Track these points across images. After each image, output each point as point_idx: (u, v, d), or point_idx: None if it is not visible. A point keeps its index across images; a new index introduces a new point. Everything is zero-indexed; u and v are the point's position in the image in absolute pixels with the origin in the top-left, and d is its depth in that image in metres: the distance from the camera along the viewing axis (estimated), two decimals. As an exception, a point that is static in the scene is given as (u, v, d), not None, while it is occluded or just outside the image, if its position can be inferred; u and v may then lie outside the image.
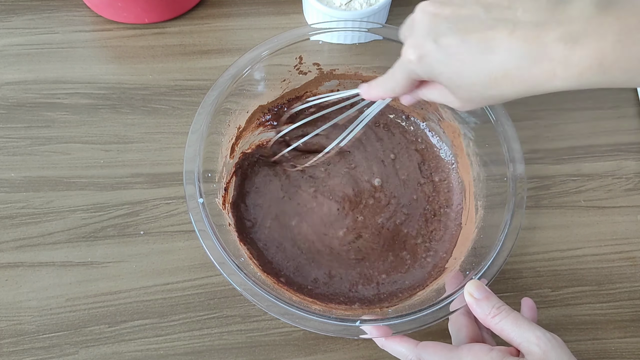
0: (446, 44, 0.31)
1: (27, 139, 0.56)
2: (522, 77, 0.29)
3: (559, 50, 0.28)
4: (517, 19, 0.29)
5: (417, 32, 0.33)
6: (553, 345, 0.32)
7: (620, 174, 0.57)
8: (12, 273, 0.49)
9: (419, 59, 0.33)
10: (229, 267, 0.39)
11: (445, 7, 0.32)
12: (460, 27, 0.31)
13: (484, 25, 0.30)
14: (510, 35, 0.29)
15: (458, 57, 0.31)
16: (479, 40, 0.30)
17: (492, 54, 0.30)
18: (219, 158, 0.48)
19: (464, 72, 0.31)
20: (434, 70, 0.33)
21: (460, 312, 0.40)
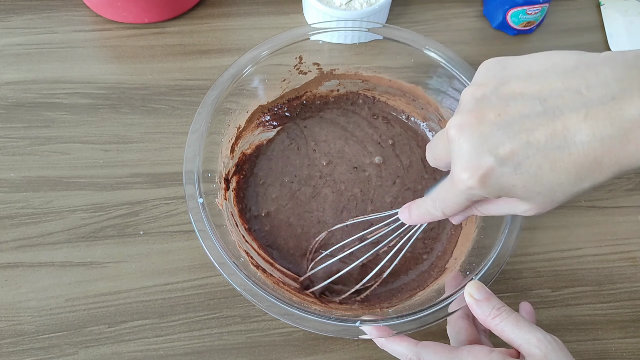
0: (509, 153, 0.27)
1: (26, 139, 0.56)
2: (616, 160, 0.25)
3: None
4: (585, 99, 0.25)
5: (462, 152, 0.28)
6: (553, 348, 0.32)
7: (621, 174, 0.57)
8: (12, 273, 0.49)
9: (482, 181, 0.28)
10: (228, 267, 0.39)
11: (487, 112, 0.27)
12: (517, 128, 0.26)
13: (546, 117, 0.26)
14: (587, 119, 0.25)
15: (530, 163, 0.26)
16: (549, 136, 0.26)
17: (572, 146, 0.25)
18: (218, 158, 0.48)
19: (544, 177, 0.27)
20: (504, 186, 0.28)
21: (459, 315, 0.40)
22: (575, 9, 0.68)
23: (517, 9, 0.62)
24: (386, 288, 0.48)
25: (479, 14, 0.68)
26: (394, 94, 0.55)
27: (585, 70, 0.26)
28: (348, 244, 0.47)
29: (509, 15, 0.63)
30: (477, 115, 0.28)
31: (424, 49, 0.49)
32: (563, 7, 0.68)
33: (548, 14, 0.66)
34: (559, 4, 0.68)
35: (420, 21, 0.67)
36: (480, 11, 0.68)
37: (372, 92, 0.56)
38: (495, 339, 0.36)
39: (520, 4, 0.62)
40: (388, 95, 0.56)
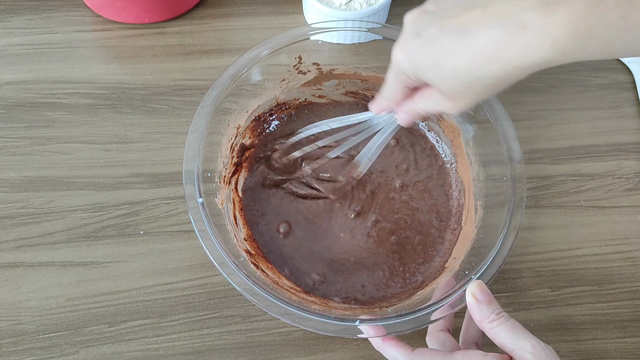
0: (427, 34, 0.32)
1: (27, 139, 0.56)
2: (500, 54, 0.29)
3: (531, 18, 0.27)
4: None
5: (404, 32, 0.34)
6: (547, 355, 0.32)
7: (620, 173, 0.57)
8: (12, 273, 0.49)
9: (405, 55, 0.33)
10: (228, 267, 0.39)
11: (430, 4, 0.33)
12: (441, 16, 0.31)
13: (460, 9, 0.30)
14: (484, 12, 0.29)
15: (437, 44, 0.31)
16: (455, 24, 0.30)
17: (467, 34, 0.29)
18: (218, 158, 0.48)
19: (444, 59, 0.31)
20: (418, 62, 0.33)
21: (440, 327, 0.41)
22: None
23: (516, 9, 0.62)
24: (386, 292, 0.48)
25: (479, 14, 0.68)
26: (394, 94, 0.55)
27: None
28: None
29: (509, 15, 0.63)
30: (423, 8, 0.33)
31: (423, 49, 0.49)
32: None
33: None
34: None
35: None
36: (480, 11, 0.68)
37: (371, 92, 0.56)
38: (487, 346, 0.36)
39: (519, 4, 0.61)
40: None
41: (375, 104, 0.41)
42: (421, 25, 0.32)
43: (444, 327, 0.41)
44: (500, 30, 0.28)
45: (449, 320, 0.42)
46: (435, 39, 0.31)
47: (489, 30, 0.29)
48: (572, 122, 0.60)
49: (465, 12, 0.30)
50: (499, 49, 0.29)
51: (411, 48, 0.33)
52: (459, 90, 0.33)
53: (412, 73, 0.34)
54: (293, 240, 0.50)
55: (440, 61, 0.31)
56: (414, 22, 0.33)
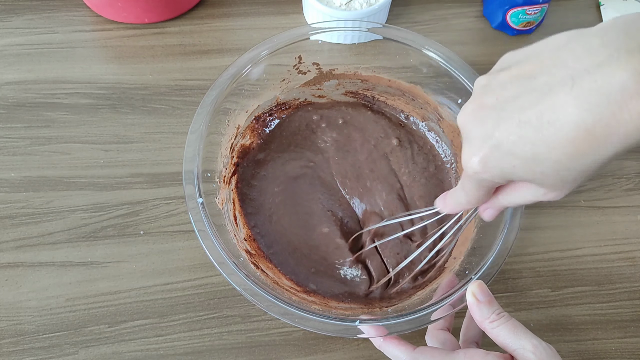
0: (504, 134, 0.27)
1: (27, 139, 0.56)
2: (610, 131, 0.24)
3: (638, 83, 0.23)
4: (572, 70, 0.24)
5: (468, 137, 0.29)
6: (548, 354, 0.32)
7: (620, 174, 0.57)
8: (12, 273, 0.49)
9: (484, 166, 0.28)
10: (228, 267, 0.39)
11: (487, 97, 0.28)
12: (511, 109, 0.26)
13: (536, 95, 0.25)
14: (574, 90, 0.24)
15: (524, 142, 0.26)
16: (538, 113, 0.25)
17: (561, 120, 0.24)
18: (218, 158, 0.48)
19: (541, 155, 0.26)
20: (505, 169, 0.28)
21: (440, 326, 0.40)
22: (575, 9, 0.68)
23: (516, 9, 0.62)
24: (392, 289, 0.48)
25: (479, 14, 0.68)
26: (393, 93, 0.55)
27: (575, 43, 0.25)
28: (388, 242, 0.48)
29: (509, 16, 0.63)
30: (480, 102, 0.28)
31: (423, 49, 0.49)
32: (563, 7, 0.68)
33: (548, 14, 0.66)
34: (559, 4, 0.68)
35: (420, 21, 0.67)
36: (480, 11, 0.68)
37: (371, 91, 0.56)
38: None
39: (520, 4, 0.62)
40: (387, 95, 0.56)
41: (449, 206, 0.37)
42: (489, 126, 0.27)
43: (444, 326, 0.41)
44: (603, 104, 0.23)
45: (450, 319, 0.42)
46: (519, 137, 0.26)
47: (586, 108, 0.24)
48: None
49: (545, 96, 0.25)
50: (609, 122, 0.24)
51: (488, 156, 0.28)
52: (567, 180, 0.28)
53: (500, 179, 0.29)
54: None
55: (536, 158, 0.26)
56: (476, 123, 0.28)
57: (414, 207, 0.52)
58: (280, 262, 0.48)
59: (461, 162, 0.30)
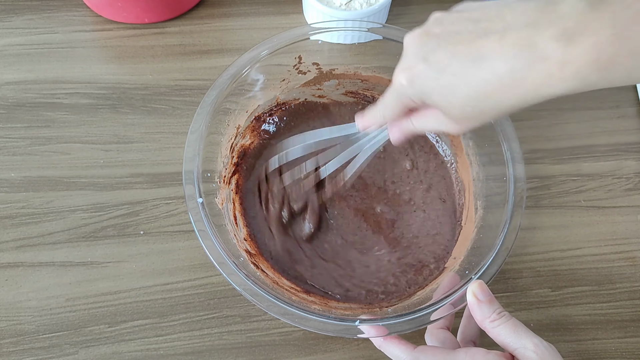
0: (436, 59, 0.30)
1: (27, 139, 0.56)
2: (518, 83, 0.28)
3: (553, 49, 0.26)
4: (507, 24, 0.28)
5: (407, 55, 0.32)
6: (550, 353, 0.32)
7: (621, 173, 0.57)
8: (12, 273, 0.49)
9: (410, 80, 0.32)
10: (228, 267, 0.39)
11: (435, 27, 0.32)
12: (450, 41, 0.30)
13: (473, 35, 0.29)
14: (501, 39, 0.28)
15: (449, 71, 0.30)
16: (468, 50, 0.29)
17: (483, 62, 0.28)
18: (218, 158, 0.48)
19: (456, 86, 0.30)
20: (426, 88, 0.32)
21: (440, 325, 0.40)
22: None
23: (516, 9, 0.62)
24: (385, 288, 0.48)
25: (479, 14, 0.68)
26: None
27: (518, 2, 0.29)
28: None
29: (509, 15, 0.63)
30: (427, 30, 0.32)
31: (423, 49, 0.49)
32: None
33: (548, 14, 0.66)
34: None
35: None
36: (480, 11, 0.68)
37: (371, 91, 0.56)
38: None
39: (519, 4, 0.62)
40: (388, 95, 0.56)
41: (365, 120, 0.40)
42: (428, 49, 0.31)
43: (444, 325, 0.41)
44: (519, 60, 0.27)
45: (450, 319, 0.42)
46: (447, 66, 0.30)
47: (507, 60, 0.28)
48: (572, 122, 0.59)
49: (479, 39, 0.29)
50: (517, 79, 0.28)
51: (417, 73, 0.32)
52: (468, 116, 0.32)
53: (417, 97, 0.33)
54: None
55: (452, 88, 0.30)
56: (418, 45, 0.32)
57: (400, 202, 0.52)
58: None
59: (393, 77, 0.34)
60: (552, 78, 0.27)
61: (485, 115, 0.31)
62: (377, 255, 0.49)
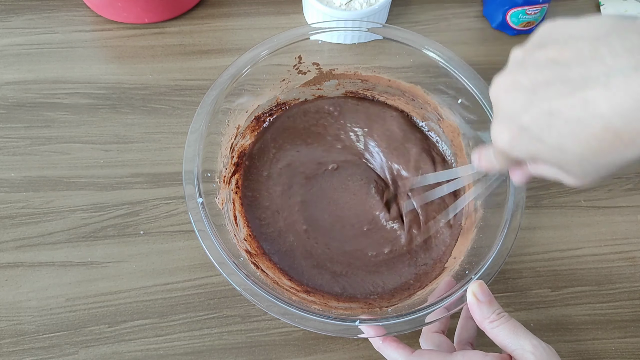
0: (532, 120, 0.27)
1: (27, 139, 0.56)
2: (637, 135, 0.24)
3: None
4: (609, 68, 0.24)
5: (498, 115, 0.29)
6: (548, 354, 0.32)
7: (621, 173, 0.57)
8: (12, 273, 0.49)
9: (510, 145, 0.29)
10: (228, 267, 0.39)
11: (520, 76, 0.27)
12: (542, 96, 0.26)
13: (570, 86, 0.25)
14: (606, 90, 0.24)
15: (552, 132, 0.26)
16: (570, 106, 0.25)
17: (591, 118, 0.24)
18: (218, 158, 0.48)
19: (566, 145, 0.26)
20: (532, 151, 0.28)
21: (435, 329, 0.40)
22: (575, 10, 0.68)
23: (516, 9, 0.62)
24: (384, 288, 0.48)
25: (479, 14, 0.68)
26: (393, 93, 0.55)
27: (615, 36, 0.24)
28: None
29: (509, 16, 0.63)
30: (513, 79, 0.28)
31: (423, 49, 0.49)
32: (563, 7, 0.68)
33: (548, 14, 0.66)
34: (559, 4, 0.68)
35: (420, 21, 0.67)
36: (480, 11, 0.68)
37: (371, 91, 0.56)
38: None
39: (520, 4, 0.62)
40: (387, 95, 0.56)
41: (482, 163, 0.37)
42: (520, 108, 0.27)
43: (439, 329, 0.41)
44: (634, 109, 0.23)
45: (445, 322, 0.42)
46: (547, 127, 0.26)
47: (617, 108, 0.24)
48: (572, 122, 0.59)
49: (579, 89, 0.25)
50: (636, 130, 0.24)
51: (516, 137, 0.28)
52: (586, 172, 0.28)
53: (526, 157, 0.30)
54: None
55: (562, 148, 0.26)
56: (509, 102, 0.28)
57: None
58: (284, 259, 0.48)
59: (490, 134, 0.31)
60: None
61: (610, 169, 0.27)
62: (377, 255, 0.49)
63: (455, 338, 0.41)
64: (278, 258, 0.48)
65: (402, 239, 0.50)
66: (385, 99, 0.56)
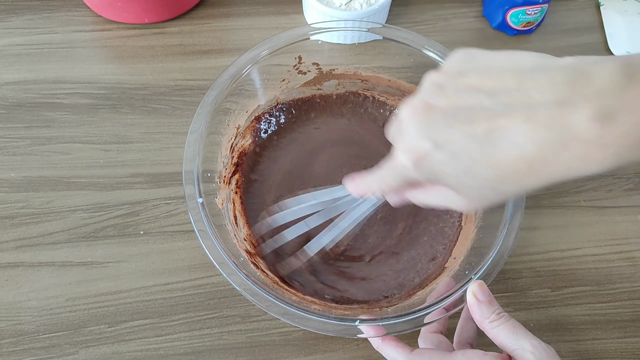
0: (448, 142, 0.27)
1: (27, 139, 0.56)
2: (549, 167, 0.25)
3: (590, 130, 0.23)
4: (532, 101, 0.25)
5: (409, 132, 0.28)
6: (548, 354, 0.32)
7: (621, 173, 0.57)
8: (12, 273, 0.49)
9: (416, 163, 0.29)
10: (228, 267, 0.39)
11: (438, 99, 0.28)
12: (462, 119, 0.26)
13: (491, 113, 0.26)
14: (528, 120, 0.24)
15: (465, 155, 0.26)
16: (488, 131, 0.25)
17: (507, 145, 0.25)
18: (218, 158, 0.48)
19: (476, 170, 0.27)
20: (438, 173, 0.28)
21: (433, 329, 0.40)
22: (575, 10, 0.68)
23: (516, 9, 0.62)
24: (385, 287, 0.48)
25: (479, 14, 0.68)
26: (393, 93, 0.55)
27: (540, 72, 0.25)
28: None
29: (509, 16, 0.63)
30: (429, 102, 0.28)
31: (423, 49, 0.49)
32: (563, 7, 0.68)
33: (548, 14, 0.66)
34: (559, 4, 0.68)
35: (420, 21, 0.67)
36: (480, 11, 0.68)
37: (371, 91, 0.56)
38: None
39: (519, 4, 0.62)
40: (387, 95, 0.56)
41: (359, 188, 0.36)
42: (435, 128, 0.27)
43: (437, 329, 0.41)
44: (551, 144, 0.24)
45: (444, 323, 0.42)
46: (462, 150, 0.26)
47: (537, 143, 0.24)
48: (572, 122, 0.59)
49: (501, 117, 0.25)
50: (548, 162, 0.25)
51: (425, 156, 0.28)
52: (486, 198, 0.29)
53: (425, 179, 0.30)
54: None
55: (471, 172, 0.27)
56: (421, 122, 0.28)
57: None
58: None
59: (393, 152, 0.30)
60: (588, 160, 0.24)
61: (505, 196, 0.28)
62: (377, 256, 0.49)
63: (455, 338, 0.41)
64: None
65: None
66: (385, 99, 0.56)
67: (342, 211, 0.45)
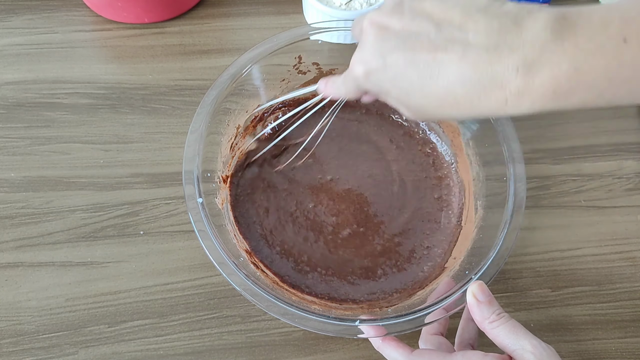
0: (393, 62, 0.30)
1: (27, 139, 0.56)
2: (472, 104, 0.28)
3: (511, 78, 0.26)
4: (468, 42, 0.28)
5: (365, 46, 0.32)
6: (548, 354, 0.32)
7: (621, 173, 0.57)
8: (12, 273, 0.49)
9: (366, 75, 0.32)
10: (228, 267, 0.39)
11: (396, 19, 0.31)
12: (409, 45, 0.29)
13: (433, 45, 0.28)
14: (460, 59, 0.28)
15: (406, 78, 0.30)
16: (427, 62, 0.29)
17: (440, 79, 0.28)
18: (218, 158, 0.48)
19: (412, 94, 0.30)
20: (381, 88, 0.32)
21: (433, 331, 0.40)
22: (575, 9, 0.68)
23: (516, 9, 0.62)
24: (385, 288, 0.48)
25: (479, 14, 0.68)
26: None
27: (483, 15, 0.28)
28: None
29: (509, 15, 0.63)
30: (388, 21, 0.31)
31: (423, 49, 0.49)
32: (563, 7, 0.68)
33: (548, 14, 0.66)
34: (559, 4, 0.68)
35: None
36: (480, 11, 0.68)
37: (371, 92, 0.56)
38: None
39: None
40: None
41: (328, 90, 0.40)
42: (386, 48, 0.30)
43: (438, 331, 0.41)
44: (476, 85, 0.27)
45: (444, 324, 0.42)
46: (404, 72, 0.30)
47: (464, 82, 0.28)
48: (572, 122, 0.59)
49: (440, 51, 0.28)
50: (473, 100, 0.28)
51: (374, 71, 0.31)
52: (424, 117, 0.34)
53: (373, 91, 0.34)
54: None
55: (408, 95, 0.31)
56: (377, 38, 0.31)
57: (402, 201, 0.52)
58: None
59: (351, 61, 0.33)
60: (507, 104, 0.27)
61: (439, 118, 0.34)
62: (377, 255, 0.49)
63: (457, 339, 0.41)
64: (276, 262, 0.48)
65: None
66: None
67: None
